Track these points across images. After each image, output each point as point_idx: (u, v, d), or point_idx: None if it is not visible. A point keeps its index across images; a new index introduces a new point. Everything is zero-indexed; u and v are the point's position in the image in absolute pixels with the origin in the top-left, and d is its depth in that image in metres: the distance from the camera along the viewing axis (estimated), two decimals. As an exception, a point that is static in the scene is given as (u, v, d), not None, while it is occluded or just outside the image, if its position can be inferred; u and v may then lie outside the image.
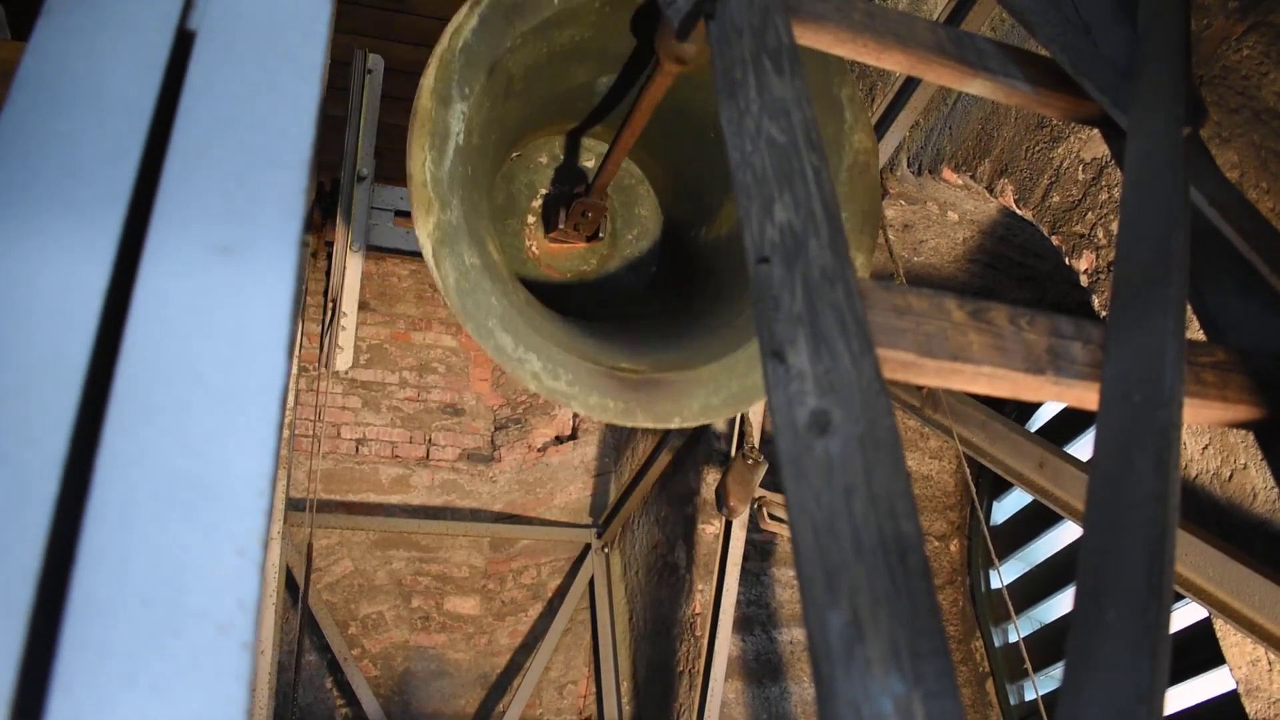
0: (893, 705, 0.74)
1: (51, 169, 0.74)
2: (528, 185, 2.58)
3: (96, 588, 0.59)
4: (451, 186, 1.79)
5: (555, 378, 1.87)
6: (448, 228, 1.78)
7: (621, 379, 1.96)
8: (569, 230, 2.52)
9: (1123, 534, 0.84)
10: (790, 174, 1.02)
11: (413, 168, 1.73)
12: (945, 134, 3.20)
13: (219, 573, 0.62)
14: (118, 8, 0.83)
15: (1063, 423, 3.84)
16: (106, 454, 0.63)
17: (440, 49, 1.73)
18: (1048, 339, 1.07)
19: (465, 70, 1.74)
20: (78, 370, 0.66)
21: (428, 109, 1.72)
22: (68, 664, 0.57)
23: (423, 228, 1.76)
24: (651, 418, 1.96)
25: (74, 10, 0.82)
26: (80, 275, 0.70)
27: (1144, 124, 1.25)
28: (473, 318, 1.81)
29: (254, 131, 0.79)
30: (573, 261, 2.61)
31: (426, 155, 1.72)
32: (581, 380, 1.90)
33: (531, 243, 2.59)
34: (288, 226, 0.74)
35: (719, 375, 2.03)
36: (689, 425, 2.09)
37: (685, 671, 4.54)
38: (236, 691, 0.58)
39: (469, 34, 1.74)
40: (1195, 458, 2.19)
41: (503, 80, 1.95)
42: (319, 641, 5.19)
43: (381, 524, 5.54)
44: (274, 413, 0.67)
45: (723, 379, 2.02)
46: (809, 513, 0.83)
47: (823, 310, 0.93)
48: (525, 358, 1.85)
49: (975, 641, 4.38)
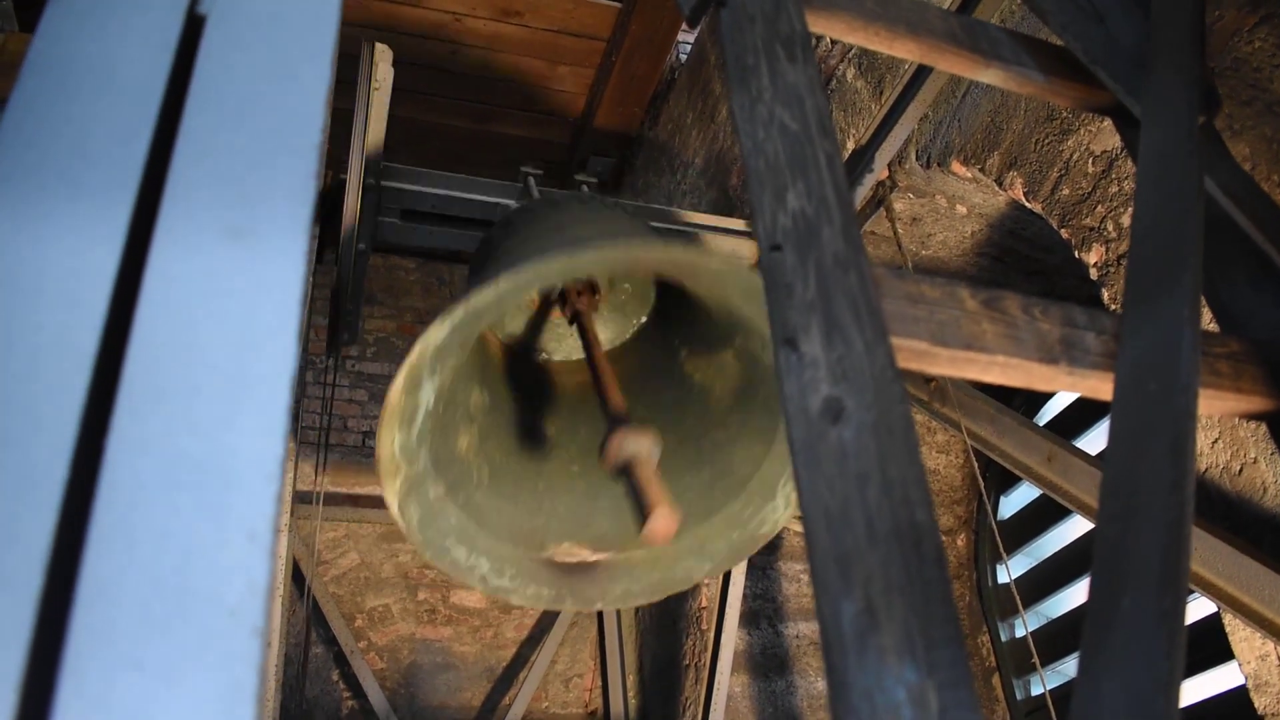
0: (906, 694, 0.73)
1: (62, 153, 0.74)
2: None
3: (106, 571, 0.59)
4: (420, 442, 1.91)
5: (500, 575, 2.07)
6: (413, 479, 1.92)
7: (559, 566, 2.15)
8: None
9: (1138, 522, 0.83)
10: (803, 161, 1.01)
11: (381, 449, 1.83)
12: (954, 126, 3.18)
13: (229, 556, 0.61)
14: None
15: (1072, 416, 3.83)
16: (116, 437, 0.63)
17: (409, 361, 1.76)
18: (1061, 328, 1.06)
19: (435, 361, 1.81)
20: (88, 354, 0.66)
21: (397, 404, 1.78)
22: (77, 647, 0.57)
23: (390, 490, 1.89)
24: (578, 603, 2.16)
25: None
26: (90, 259, 0.69)
27: (1158, 113, 1.24)
28: (431, 545, 1.99)
29: (264, 115, 0.79)
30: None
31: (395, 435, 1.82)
32: (523, 573, 2.10)
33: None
34: (298, 210, 0.74)
35: (646, 564, 2.21)
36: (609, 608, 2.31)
37: (691, 665, 4.54)
38: (246, 676, 0.58)
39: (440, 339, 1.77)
40: (1205, 451, 2.18)
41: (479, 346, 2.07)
42: (326, 634, 5.20)
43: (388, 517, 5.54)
44: (284, 396, 0.66)
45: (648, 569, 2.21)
46: (822, 501, 0.82)
47: (836, 297, 0.92)
48: (476, 564, 2.04)
49: (982, 636, 4.37)
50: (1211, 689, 2.97)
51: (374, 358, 6.05)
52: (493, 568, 2.06)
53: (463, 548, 2.04)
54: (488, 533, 2.08)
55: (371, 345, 6.06)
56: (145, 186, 0.73)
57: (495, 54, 5.41)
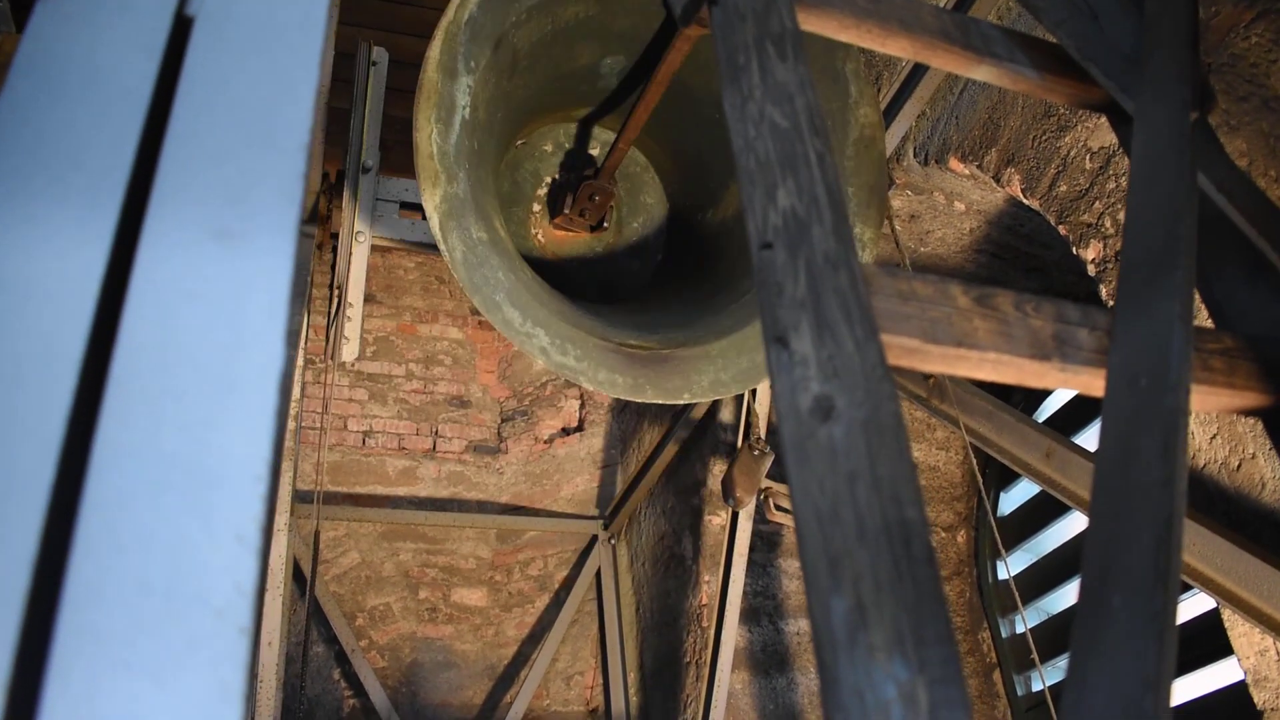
0: (896, 691, 0.73)
1: (49, 154, 0.74)
2: (533, 173, 2.57)
3: (93, 573, 0.59)
4: (458, 160, 1.78)
5: (563, 353, 1.86)
6: (454, 200, 1.78)
7: (630, 355, 1.95)
8: (575, 216, 2.51)
9: (1129, 520, 0.83)
10: (794, 159, 1.01)
11: (419, 139, 1.72)
12: (952, 123, 3.18)
13: (217, 558, 0.61)
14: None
15: (1071, 413, 3.83)
16: (103, 439, 0.63)
17: (445, 21, 1.72)
18: (1054, 325, 1.06)
19: (471, 44, 1.73)
20: (74, 356, 0.66)
21: (434, 81, 1.71)
22: (64, 649, 0.57)
23: (429, 200, 1.75)
24: (661, 393, 1.95)
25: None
26: (78, 260, 0.69)
27: (1151, 109, 1.23)
28: (480, 291, 1.81)
29: (252, 116, 0.79)
30: (578, 250, 2.61)
31: (433, 128, 1.72)
32: (590, 355, 1.89)
33: (537, 230, 2.58)
34: (286, 211, 0.74)
35: (728, 351, 2.01)
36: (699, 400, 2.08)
37: (692, 662, 4.54)
38: (233, 677, 0.58)
39: (474, 6, 1.73)
40: (1203, 447, 2.18)
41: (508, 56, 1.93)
42: (327, 633, 5.21)
43: (388, 516, 5.55)
44: (272, 398, 0.66)
45: (732, 355, 2.01)
46: (812, 498, 0.82)
47: (826, 296, 0.92)
48: (533, 332, 1.84)
49: (982, 632, 4.37)
50: (1211, 685, 2.97)
51: (374, 357, 6.05)
52: (553, 342, 1.86)
53: (515, 310, 1.84)
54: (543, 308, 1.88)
55: (371, 345, 6.07)
56: (132, 188, 0.73)
57: (493, 52, 5.40)
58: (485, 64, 1.82)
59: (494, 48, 1.84)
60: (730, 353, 2.01)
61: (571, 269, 2.60)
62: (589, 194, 2.47)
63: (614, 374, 1.91)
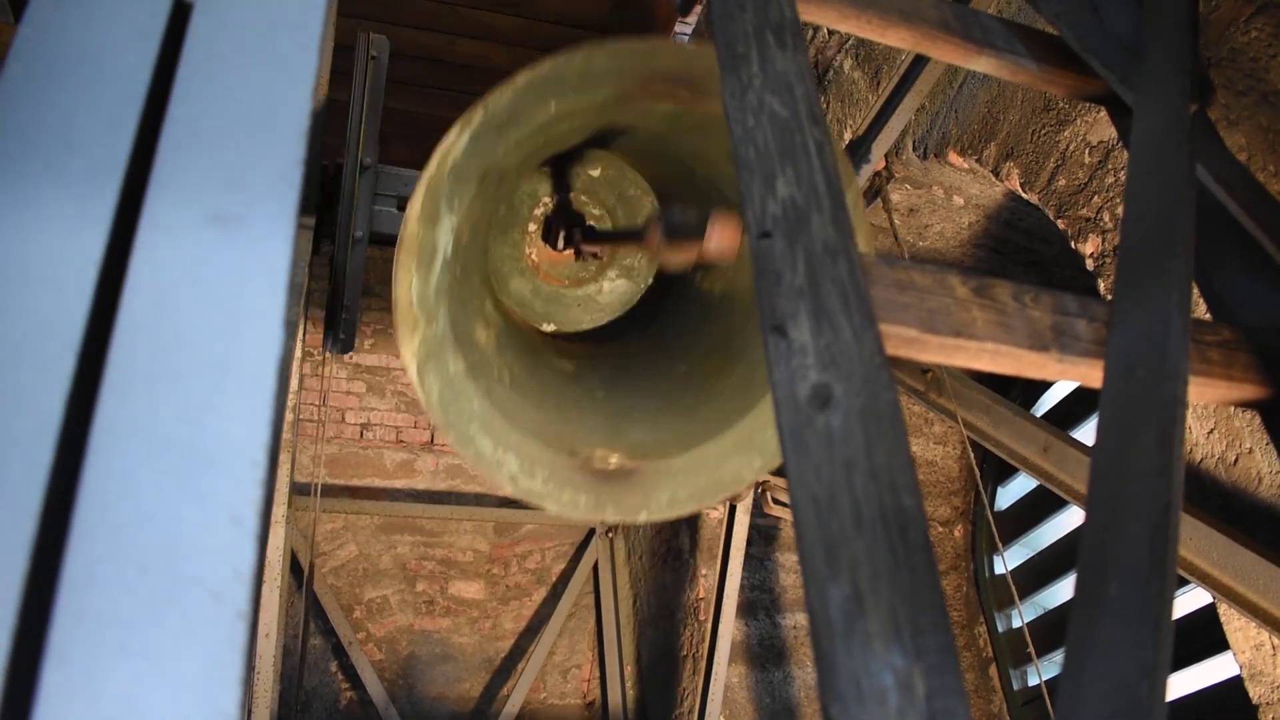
0: (893, 679, 0.73)
1: (48, 140, 0.74)
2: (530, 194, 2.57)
3: (91, 555, 0.59)
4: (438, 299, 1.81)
5: (531, 477, 1.91)
6: (432, 342, 1.81)
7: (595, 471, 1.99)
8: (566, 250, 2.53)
9: (1126, 508, 0.83)
10: (793, 148, 1.01)
11: (398, 291, 1.74)
12: (951, 117, 3.18)
13: (214, 541, 0.61)
14: (114, -23, 0.82)
15: (1069, 407, 3.83)
16: (102, 422, 0.63)
17: (428, 175, 1.70)
18: (1052, 316, 1.06)
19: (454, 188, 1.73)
20: (73, 339, 0.66)
21: (415, 234, 1.70)
22: (62, 631, 0.57)
23: (407, 348, 1.78)
24: (620, 512, 2.00)
25: (70, -20, 0.81)
26: (76, 245, 0.69)
27: (1150, 100, 1.23)
28: (454, 427, 1.84)
29: (251, 102, 0.79)
30: (571, 269, 2.61)
31: (413, 277, 1.73)
32: (556, 476, 1.94)
33: (531, 250, 2.59)
34: (285, 196, 0.74)
35: (688, 468, 2.06)
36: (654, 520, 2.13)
37: (689, 656, 4.55)
38: (231, 659, 0.58)
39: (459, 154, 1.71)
40: (1200, 442, 2.18)
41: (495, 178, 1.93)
42: (324, 625, 5.21)
43: (386, 508, 5.55)
44: (270, 382, 0.66)
45: (692, 472, 2.06)
46: (809, 487, 0.82)
47: (824, 284, 0.92)
48: (503, 460, 1.88)
49: (979, 627, 4.38)
50: (1207, 679, 2.98)
51: (371, 349, 6.05)
52: (522, 467, 1.90)
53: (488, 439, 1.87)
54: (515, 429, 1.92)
55: (369, 337, 6.06)
56: (131, 173, 0.73)
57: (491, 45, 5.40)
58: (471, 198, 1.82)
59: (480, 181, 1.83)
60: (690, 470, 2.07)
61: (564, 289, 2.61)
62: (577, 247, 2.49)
63: (578, 494, 1.96)
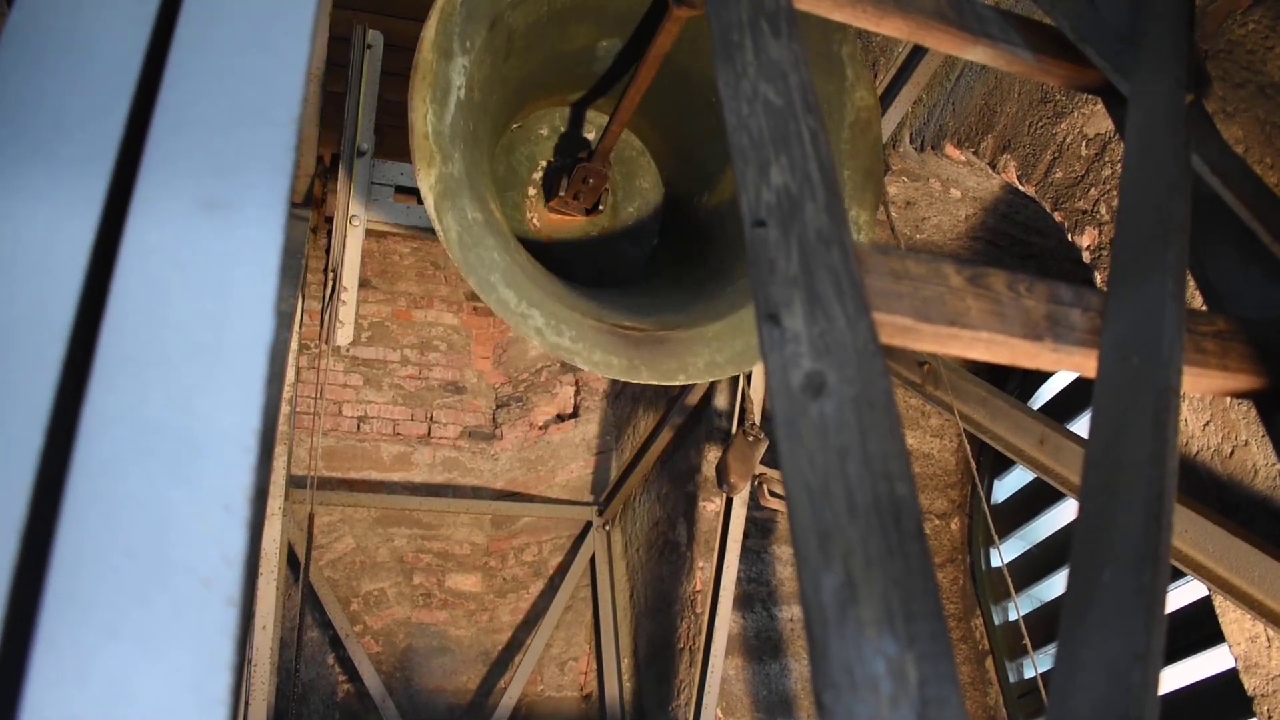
0: (885, 666, 0.73)
1: (38, 124, 0.74)
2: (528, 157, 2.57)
3: (81, 541, 0.59)
4: (454, 140, 1.78)
5: (558, 333, 1.86)
6: (450, 180, 1.77)
7: (625, 336, 1.94)
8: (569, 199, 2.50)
9: (1119, 496, 0.83)
10: (787, 137, 1.01)
11: (414, 119, 1.72)
12: (948, 109, 3.18)
13: (205, 528, 0.61)
14: (105, -38, 0.82)
15: (1065, 400, 3.83)
16: (92, 408, 0.63)
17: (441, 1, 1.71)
18: (1046, 305, 1.06)
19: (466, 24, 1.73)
20: (63, 325, 0.65)
21: (429, 61, 1.70)
22: (52, 616, 0.57)
23: (425, 179, 1.74)
24: (656, 375, 1.94)
25: (60, -36, 0.81)
26: (66, 230, 0.69)
27: (1145, 90, 1.23)
28: (475, 271, 1.80)
29: (243, 88, 0.78)
30: (573, 233, 2.60)
31: (428, 108, 1.71)
32: (585, 336, 1.89)
33: (533, 215, 2.58)
34: (276, 183, 0.74)
35: (724, 333, 2.01)
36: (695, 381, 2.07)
37: (686, 648, 4.55)
38: (221, 646, 0.58)
39: None
40: (1196, 434, 2.19)
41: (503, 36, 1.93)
42: (321, 618, 5.21)
43: (383, 501, 5.56)
44: (261, 368, 0.66)
45: (727, 336, 2.01)
46: (803, 475, 0.82)
47: (818, 273, 0.92)
48: (528, 313, 1.83)
49: (975, 619, 4.39)
50: (1202, 672, 2.98)
51: (369, 342, 6.05)
52: (547, 322, 1.85)
53: (511, 291, 1.83)
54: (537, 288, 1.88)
55: (366, 330, 6.06)
56: (122, 159, 0.73)
57: (489, 37, 5.38)
58: (481, 45, 1.82)
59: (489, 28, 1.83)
60: (726, 335, 2.01)
61: (567, 252, 2.59)
62: (583, 177, 2.46)
63: (609, 355, 1.90)
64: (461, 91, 1.77)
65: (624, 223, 2.64)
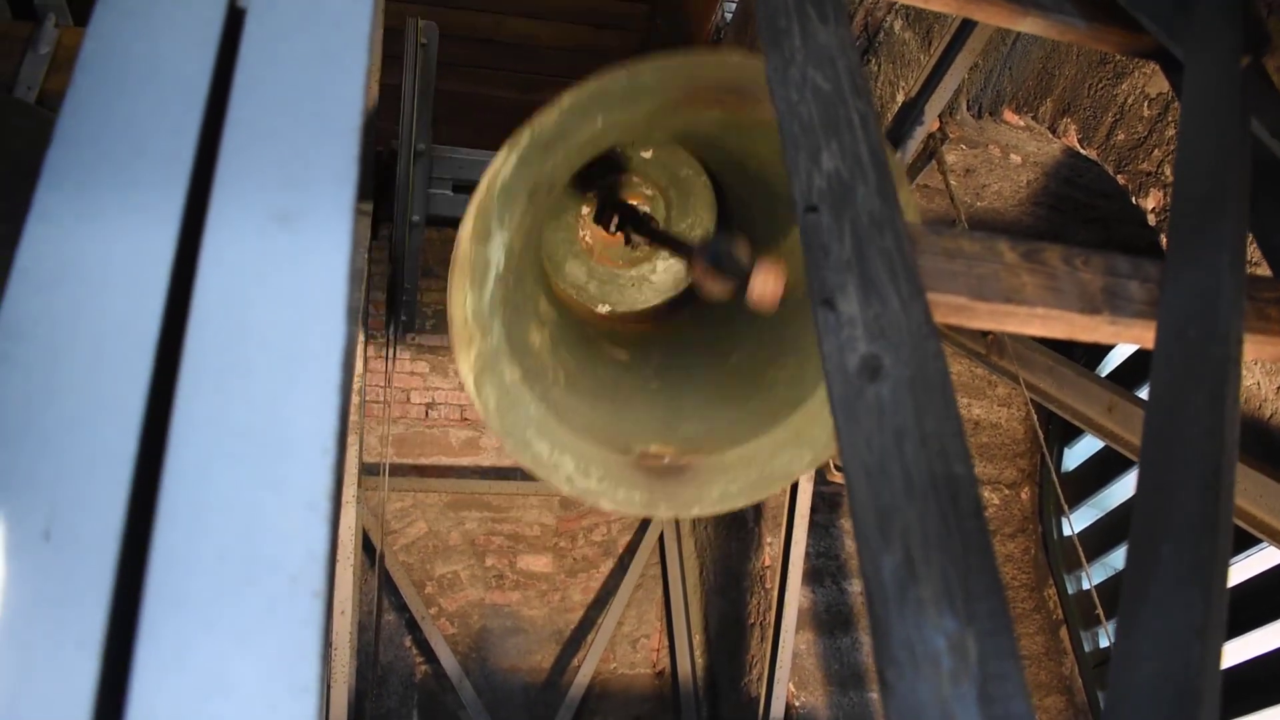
0: (946, 643, 0.75)
1: (116, 147, 0.78)
2: None
3: (176, 542, 0.63)
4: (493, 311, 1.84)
5: (586, 476, 1.95)
6: (488, 355, 1.84)
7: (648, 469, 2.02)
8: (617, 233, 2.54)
9: (1178, 469, 0.83)
10: (836, 121, 1.02)
11: (453, 310, 1.78)
12: (1005, 75, 3.13)
13: (289, 526, 0.65)
14: (171, -12, 0.85)
15: (1133, 366, 3.77)
16: (180, 415, 0.67)
17: (478, 197, 1.74)
18: (1103, 278, 1.06)
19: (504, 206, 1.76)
20: (150, 337, 0.69)
21: (467, 254, 1.74)
22: (152, 613, 0.61)
23: (464, 362, 1.81)
24: (673, 508, 2.04)
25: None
26: (148, 246, 0.73)
27: (1200, 54, 1.21)
28: (511, 434, 1.89)
29: (306, 101, 0.82)
30: (625, 250, 2.63)
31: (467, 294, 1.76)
32: (610, 475, 1.98)
33: (585, 233, 2.61)
34: (342, 192, 0.77)
35: (740, 463, 2.09)
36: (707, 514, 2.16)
37: (756, 624, 4.58)
38: (309, 637, 0.62)
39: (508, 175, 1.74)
40: (1270, 398, 2.15)
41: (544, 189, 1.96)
42: (397, 601, 5.33)
43: (453, 485, 5.65)
44: (335, 372, 0.69)
45: (744, 467, 2.08)
46: (861, 456, 0.84)
47: (871, 256, 0.93)
48: (560, 462, 1.93)
49: (1048, 589, 4.35)
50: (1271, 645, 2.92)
51: (433, 330, 6.13)
52: (578, 467, 1.95)
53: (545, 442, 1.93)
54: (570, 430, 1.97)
55: (430, 318, 6.14)
56: (196, 175, 0.77)
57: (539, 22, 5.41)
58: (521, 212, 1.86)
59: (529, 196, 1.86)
60: (742, 465, 2.09)
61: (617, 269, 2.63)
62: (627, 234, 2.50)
63: (632, 491, 2.00)
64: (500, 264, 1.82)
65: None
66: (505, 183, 1.73)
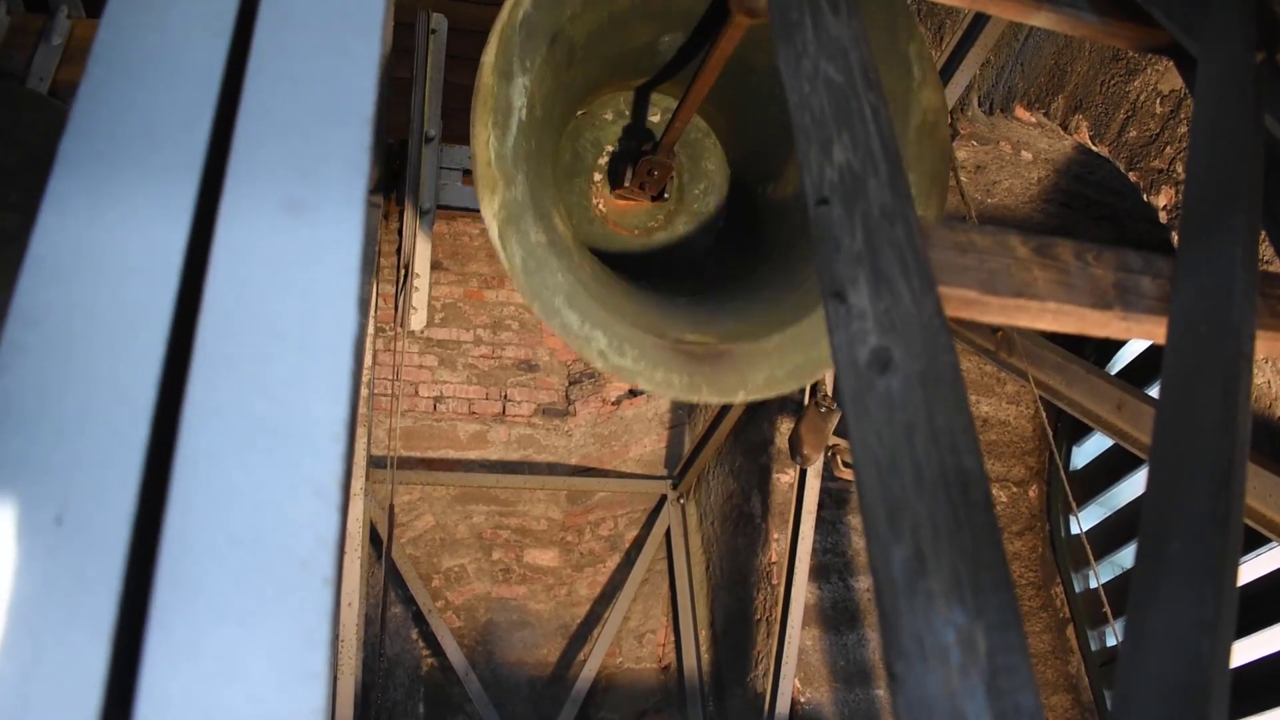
0: (955, 636, 0.75)
1: (130, 137, 0.78)
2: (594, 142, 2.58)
3: (187, 528, 0.63)
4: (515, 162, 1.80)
5: (621, 354, 1.88)
6: (513, 206, 1.79)
7: (686, 352, 1.95)
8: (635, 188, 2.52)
9: (1188, 466, 0.83)
10: (848, 114, 1.01)
11: (476, 147, 1.74)
12: (1017, 71, 3.12)
13: (299, 513, 0.65)
14: (185, -23, 0.86)
15: (1143, 364, 3.76)
16: (192, 403, 0.67)
17: (500, 23, 1.73)
18: (1115, 273, 1.05)
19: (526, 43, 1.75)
20: (162, 326, 0.70)
21: (489, 86, 1.72)
22: (163, 600, 0.61)
23: (488, 207, 1.76)
24: (716, 392, 1.96)
25: (144, -18, 0.85)
26: (161, 236, 0.73)
27: (1214, 50, 1.21)
28: (539, 296, 1.83)
29: (318, 91, 0.82)
30: (640, 218, 2.62)
31: (490, 133, 1.73)
32: (647, 355, 1.91)
33: (598, 200, 2.60)
34: (354, 181, 0.77)
35: (784, 347, 2.02)
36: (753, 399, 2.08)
37: (763, 619, 4.58)
38: (319, 623, 0.62)
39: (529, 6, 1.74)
40: None
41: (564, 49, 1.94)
42: (404, 594, 5.34)
43: (461, 479, 5.66)
44: (346, 360, 0.70)
45: (788, 350, 2.02)
46: (871, 450, 0.84)
47: (882, 249, 0.93)
48: (591, 335, 1.86)
49: (1055, 587, 4.34)
50: None
51: (442, 323, 6.14)
52: (611, 344, 1.87)
53: (574, 313, 1.85)
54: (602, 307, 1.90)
55: (440, 311, 6.15)
56: (209, 164, 0.77)
57: (551, 16, 5.40)
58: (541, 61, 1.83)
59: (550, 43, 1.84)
60: (786, 348, 2.02)
61: (634, 238, 2.61)
62: (648, 169, 2.48)
63: (670, 374, 1.92)
64: (523, 112, 1.79)
65: (690, 205, 2.64)
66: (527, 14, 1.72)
